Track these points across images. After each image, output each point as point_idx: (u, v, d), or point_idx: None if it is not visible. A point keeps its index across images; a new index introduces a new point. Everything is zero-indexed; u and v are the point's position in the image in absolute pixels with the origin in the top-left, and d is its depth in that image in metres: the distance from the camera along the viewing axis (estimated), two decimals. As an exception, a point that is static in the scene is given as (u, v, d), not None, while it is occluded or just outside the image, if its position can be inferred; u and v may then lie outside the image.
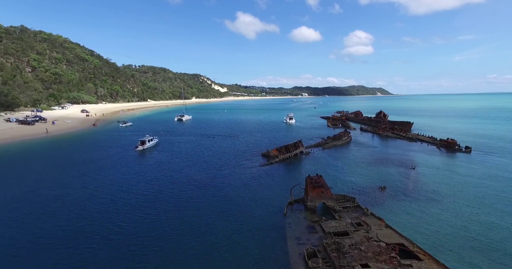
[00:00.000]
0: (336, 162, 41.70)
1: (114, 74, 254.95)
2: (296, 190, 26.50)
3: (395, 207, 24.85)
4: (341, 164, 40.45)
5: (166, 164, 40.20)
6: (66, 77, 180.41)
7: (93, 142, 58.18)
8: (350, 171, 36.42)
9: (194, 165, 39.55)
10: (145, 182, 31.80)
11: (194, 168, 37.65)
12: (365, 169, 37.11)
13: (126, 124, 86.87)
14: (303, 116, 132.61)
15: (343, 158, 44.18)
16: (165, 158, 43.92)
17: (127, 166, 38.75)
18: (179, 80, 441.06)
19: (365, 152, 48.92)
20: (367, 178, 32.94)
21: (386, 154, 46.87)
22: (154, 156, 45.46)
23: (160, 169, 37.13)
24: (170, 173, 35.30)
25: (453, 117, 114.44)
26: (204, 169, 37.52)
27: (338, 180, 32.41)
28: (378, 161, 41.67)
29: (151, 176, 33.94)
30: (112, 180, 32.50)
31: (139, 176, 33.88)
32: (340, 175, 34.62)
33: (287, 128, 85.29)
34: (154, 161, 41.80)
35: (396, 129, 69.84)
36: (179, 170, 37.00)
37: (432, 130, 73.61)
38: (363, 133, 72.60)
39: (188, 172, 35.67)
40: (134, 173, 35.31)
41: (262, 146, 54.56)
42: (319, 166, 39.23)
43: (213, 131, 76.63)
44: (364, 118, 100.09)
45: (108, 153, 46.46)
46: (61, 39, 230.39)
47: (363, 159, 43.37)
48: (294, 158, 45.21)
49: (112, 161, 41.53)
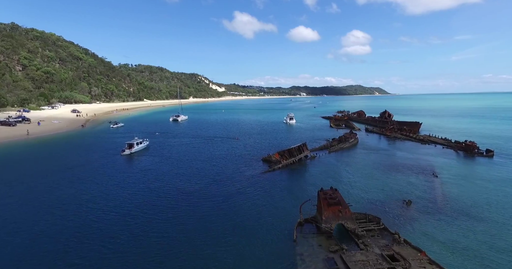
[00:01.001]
0: (347, 168, 37.05)
1: (109, 74, 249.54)
2: (307, 207, 21.84)
3: (430, 229, 20.18)
4: (352, 170, 35.80)
5: (154, 172, 35.32)
6: (58, 76, 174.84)
7: (77, 145, 53.17)
8: (364, 179, 31.78)
9: (185, 173, 34.70)
10: (125, 197, 26.91)
11: (185, 178, 32.81)
12: (381, 177, 32.49)
13: (117, 125, 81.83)
14: (304, 116, 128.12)
15: (353, 163, 39.54)
16: (154, 164, 39.05)
17: (108, 174, 33.81)
18: (176, 80, 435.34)
19: (376, 156, 44.33)
20: (386, 189, 28.30)
21: (400, 158, 42.30)
22: (141, 162, 40.58)
23: (146, 179, 32.25)
24: (157, 184, 30.45)
25: (460, 117, 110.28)
26: (196, 178, 32.73)
27: (352, 191, 27.74)
28: (393, 166, 37.08)
29: (133, 188, 29.06)
30: (85, 194, 27.58)
31: (119, 188, 28.97)
32: (354, 185, 29.97)
33: (287, 129, 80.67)
34: (141, 168, 36.91)
35: (404, 130, 65.40)
36: (167, 179, 32.16)
37: (442, 131, 69.23)
38: (369, 135, 68.11)
39: (178, 183, 30.82)
40: (114, 184, 30.36)
41: (262, 149, 49.88)
42: (328, 174, 34.58)
43: (209, 133, 71.84)
44: (368, 119, 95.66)
45: (89, 158, 41.49)
46: (54, 37, 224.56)
47: (375, 164, 38.77)
48: (298, 163, 40.58)
49: (92, 168, 36.57)
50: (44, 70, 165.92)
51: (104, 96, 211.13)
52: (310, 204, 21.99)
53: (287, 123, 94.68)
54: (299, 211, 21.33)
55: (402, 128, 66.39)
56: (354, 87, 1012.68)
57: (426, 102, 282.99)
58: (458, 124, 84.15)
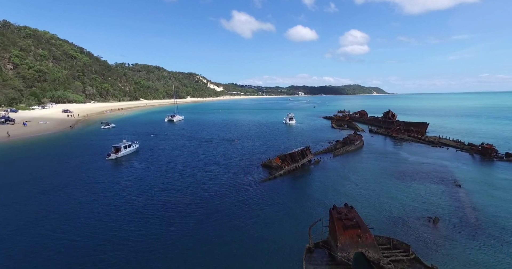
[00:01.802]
0: (356, 175, 33.27)
1: (105, 73, 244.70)
2: (318, 227, 18.07)
3: (472, 256, 16.42)
4: (362, 178, 32.03)
5: (139, 181, 31.35)
6: (51, 75, 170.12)
7: (61, 148, 49.04)
8: (378, 190, 28.01)
9: (175, 182, 30.75)
10: (99, 215, 23.01)
11: (173, 189, 28.87)
12: (396, 187, 28.73)
13: (109, 126, 77.70)
14: (303, 116, 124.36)
15: (362, 170, 35.77)
16: (141, 171, 35.07)
17: (84, 185, 29.71)
18: (173, 79, 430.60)
19: (385, 160, 40.59)
20: (405, 202, 24.53)
21: (413, 163, 38.57)
22: (127, 168, 36.59)
23: (129, 190, 28.28)
24: (141, 197, 26.52)
25: (465, 117, 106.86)
26: (185, 189, 28.81)
27: (367, 205, 23.94)
28: (407, 173, 33.35)
29: (111, 203, 25.10)
30: (51, 212, 23.66)
31: (94, 203, 24.95)
32: (368, 197, 26.18)
33: (287, 130, 76.86)
34: (126, 177, 32.93)
35: (412, 131, 61.80)
36: (153, 190, 28.21)
37: (450, 132, 65.74)
38: (374, 136, 64.41)
39: (165, 196, 26.88)
40: (89, 197, 26.28)
41: (261, 152, 46.06)
42: (336, 182, 30.79)
43: (205, 134, 67.88)
44: (371, 119, 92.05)
45: (70, 164, 37.40)
46: (48, 35, 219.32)
47: (387, 171, 35.02)
48: (301, 168, 36.80)
49: (70, 176, 32.43)
50: (36, 69, 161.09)
51: (99, 96, 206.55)
52: (321, 224, 18.19)
53: (287, 124, 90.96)
54: (308, 234, 17.52)
55: (409, 129, 62.79)
56: (352, 86, 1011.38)
57: (425, 102, 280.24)
58: (465, 125, 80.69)
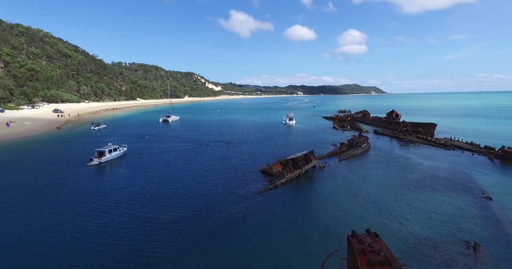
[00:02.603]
0: (367, 184, 29.49)
1: (101, 72, 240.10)
2: (333, 260, 14.18)
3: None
4: (374, 188, 28.23)
5: (120, 192, 27.36)
6: (44, 73, 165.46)
7: (40, 152, 44.85)
8: (396, 204, 24.18)
9: (162, 195, 26.77)
10: (68, 235, 19.10)
11: (160, 202, 24.94)
12: (416, 199, 24.95)
13: (99, 127, 73.58)
14: (304, 116, 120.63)
15: (374, 177, 32.00)
16: (124, 180, 31.10)
17: (56, 197, 25.73)
18: (171, 79, 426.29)
19: (397, 166, 36.84)
20: (432, 221, 20.66)
21: (428, 169, 34.84)
22: (109, 176, 32.59)
23: (106, 204, 24.29)
24: (118, 214, 22.61)
25: (471, 117, 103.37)
26: (175, 203, 24.90)
27: (386, 225, 20.13)
28: (425, 182, 29.61)
29: (84, 220, 21.20)
30: (11, 229, 19.73)
31: (60, 220, 21.10)
32: (385, 213, 22.37)
33: (287, 131, 73.08)
34: (105, 187, 28.93)
35: (420, 132, 58.17)
36: (135, 205, 24.28)
37: (459, 133, 62.22)
38: (380, 138, 60.68)
39: (148, 211, 22.95)
40: (58, 213, 22.44)
41: (260, 156, 42.24)
42: (346, 193, 26.98)
43: (201, 136, 63.95)
44: (374, 119, 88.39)
45: (44, 172, 33.28)
46: (42, 33, 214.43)
47: (401, 178, 31.26)
48: (304, 175, 33.01)
49: (38, 188, 28.12)
50: (28, 68, 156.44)
51: (94, 95, 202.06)
52: (338, 256, 14.33)
53: (287, 124, 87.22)
54: (322, 267, 13.66)
55: (417, 130, 59.14)
56: (350, 86, 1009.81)
57: (426, 102, 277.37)
58: (473, 125, 77.16)
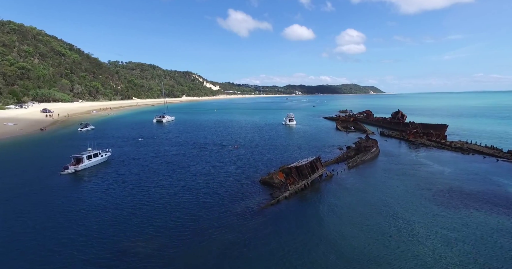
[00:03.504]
0: (384, 198, 25.14)
1: (96, 70, 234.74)
2: None
3: None
4: (394, 203, 23.88)
5: (93, 210, 22.89)
6: (35, 72, 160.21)
7: (12, 157, 40.04)
8: (425, 227, 19.87)
9: (139, 216, 22.29)
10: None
11: (135, 226, 20.51)
12: (451, 222, 20.63)
13: (87, 129, 68.91)
14: (304, 116, 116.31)
15: (390, 189, 27.68)
16: (100, 194, 26.59)
17: (13, 215, 21.34)
18: (168, 78, 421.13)
19: (415, 174, 32.54)
20: (481, 257, 16.41)
21: (453, 179, 30.52)
22: (84, 188, 28.08)
23: (74, 227, 19.88)
24: (86, 239, 18.16)
25: (478, 117, 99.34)
26: (157, 224, 20.51)
27: (425, 260, 15.77)
28: (455, 196, 25.32)
29: (44, 245, 16.73)
30: None
31: (14, 246, 16.62)
32: (419, 239, 18.03)
33: (288, 133, 68.78)
34: (77, 202, 24.43)
35: (431, 134, 53.96)
36: (108, 228, 19.86)
37: (472, 134, 58.12)
38: (388, 140, 56.40)
39: (121, 239, 18.55)
40: (12, 237, 17.97)
41: (260, 162, 37.91)
42: (362, 210, 22.66)
43: (196, 138, 59.48)
44: (379, 120, 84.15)
45: (6, 184, 28.75)
46: (35, 31, 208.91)
47: (424, 191, 26.95)
48: (310, 186, 28.69)
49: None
50: (19, 66, 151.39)
51: (88, 95, 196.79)
52: None
53: (287, 125, 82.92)
54: None
55: (428, 132, 54.91)
56: (349, 86, 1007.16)
57: (426, 101, 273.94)
58: (485, 126, 73.02)
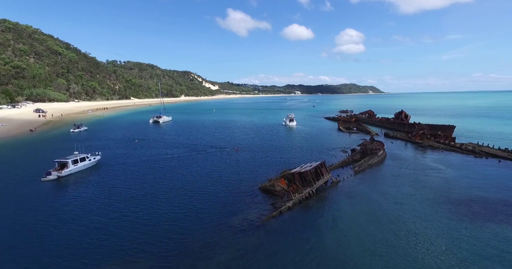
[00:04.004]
0: (396, 208, 22.60)
1: (93, 70, 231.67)
2: None
3: None
4: (408, 216, 21.35)
5: (73, 223, 20.33)
6: (31, 71, 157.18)
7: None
8: (448, 246, 17.36)
9: (128, 229, 19.77)
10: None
11: (125, 240, 17.95)
12: (479, 238, 18.14)
13: (80, 130, 66.22)
14: (304, 116, 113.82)
15: (403, 197, 25.15)
16: (83, 205, 23.97)
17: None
18: (167, 77, 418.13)
19: (428, 181, 30.03)
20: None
21: (470, 186, 27.99)
22: (65, 198, 25.41)
23: (46, 247, 17.29)
24: (64, 257, 15.56)
25: (483, 117, 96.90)
26: (138, 246, 17.91)
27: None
28: (475, 208, 22.81)
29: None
30: None
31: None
32: (434, 260, 15.50)
33: (289, 134, 66.26)
34: (53, 216, 21.81)
35: (439, 136, 51.51)
36: (90, 244, 17.26)
37: (481, 136, 55.79)
38: (394, 142, 53.91)
39: (103, 261, 15.96)
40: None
41: (259, 167, 35.35)
42: (372, 224, 20.11)
43: (192, 140, 56.90)
44: (382, 120, 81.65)
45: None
46: (30, 29, 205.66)
47: (440, 200, 24.43)
48: (315, 194, 26.16)
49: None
50: (14, 65, 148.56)
51: (85, 94, 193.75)
52: None
53: (287, 126, 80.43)
54: None
55: (436, 134, 52.45)
56: (348, 86, 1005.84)
57: (426, 101, 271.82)
58: (492, 127, 70.58)
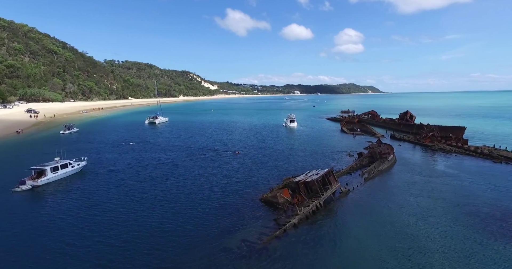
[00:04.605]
0: (418, 225, 19.45)
1: (90, 69, 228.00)
2: None
3: None
4: (438, 236, 18.23)
5: (41, 245, 17.14)
6: (25, 70, 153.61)
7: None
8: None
9: (105, 255, 16.60)
10: None
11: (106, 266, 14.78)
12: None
13: (70, 131, 62.93)
14: (305, 117, 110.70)
15: (423, 212, 22.01)
16: (56, 223, 20.75)
17: None
18: (166, 77, 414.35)
19: (449, 191, 26.89)
20: None
21: (498, 197, 24.78)
22: (36, 212, 22.12)
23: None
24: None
25: (490, 118, 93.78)
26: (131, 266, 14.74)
27: None
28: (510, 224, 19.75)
29: None
30: None
31: None
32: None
33: (290, 136, 63.11)
34: (18, 236, 18.66)
35: (450, 138, 48.42)
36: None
37: (494, 138, 52.72)
38: (401, 144, 50.81)
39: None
40: None
41: (259, 173, 32.19)
42: (392, 245, 16.97)
43: (188, 143, 53.71)
44: (387, 121, 78.52)
45: None
46: (26, 28, 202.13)
47: (468, 214, 21.29)
48: (323, 207, 23.02)
49: None
50: (7, 64, 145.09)
51: (81, 94, 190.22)
52: None
53: (288, 127, 77.36)
54: None
55: (447, 136, 49.34)
56: (347, 85, 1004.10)
57: (426, 101, 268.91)
58: (504, 128, 67.47)
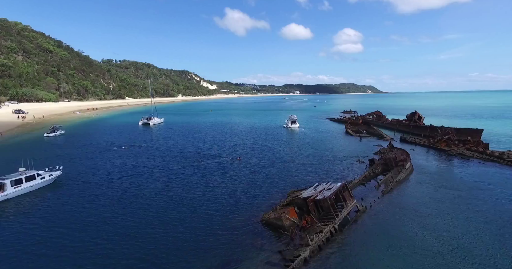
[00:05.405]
0: (461, 258, 15.22)
1: (85, 68, 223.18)
2: None
3: None
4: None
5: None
6: (17, 69, 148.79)
7: None
8: None
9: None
10: None
11: None
12: None
13: (55, 134, 58.47)
14: (307, 118, 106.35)
15: (464, 238, 17.78)
16: (17, 246, 16.44)
17: None
18: (164, 77, 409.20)
19: (483, 209, 22.64)
20: None
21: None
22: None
23: None
24: None
25: (501, 118, 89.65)
26: None
27: None
28: None
29: None
30: None
31: None
32: None
33: (292, 139, 58.83)
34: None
35: (469, 142, 44.21)
36: None
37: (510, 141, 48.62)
38: (414, 149, 46.50)
39: None
40: None
41: (260, 186, 27.87)
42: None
43: (181, 147, 49.34)
44: (394, 122, 74.22)
45: None
46: (19, 26, 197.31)
47: None
48: (339, 232, 18.74)
49: None
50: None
51: (76, 94, 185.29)
52: None
53: (289, 129, 73.14)
54: None
55: (465, 139, 45.11)
56: (347, 85, 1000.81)
57: (426, 101, 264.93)
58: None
